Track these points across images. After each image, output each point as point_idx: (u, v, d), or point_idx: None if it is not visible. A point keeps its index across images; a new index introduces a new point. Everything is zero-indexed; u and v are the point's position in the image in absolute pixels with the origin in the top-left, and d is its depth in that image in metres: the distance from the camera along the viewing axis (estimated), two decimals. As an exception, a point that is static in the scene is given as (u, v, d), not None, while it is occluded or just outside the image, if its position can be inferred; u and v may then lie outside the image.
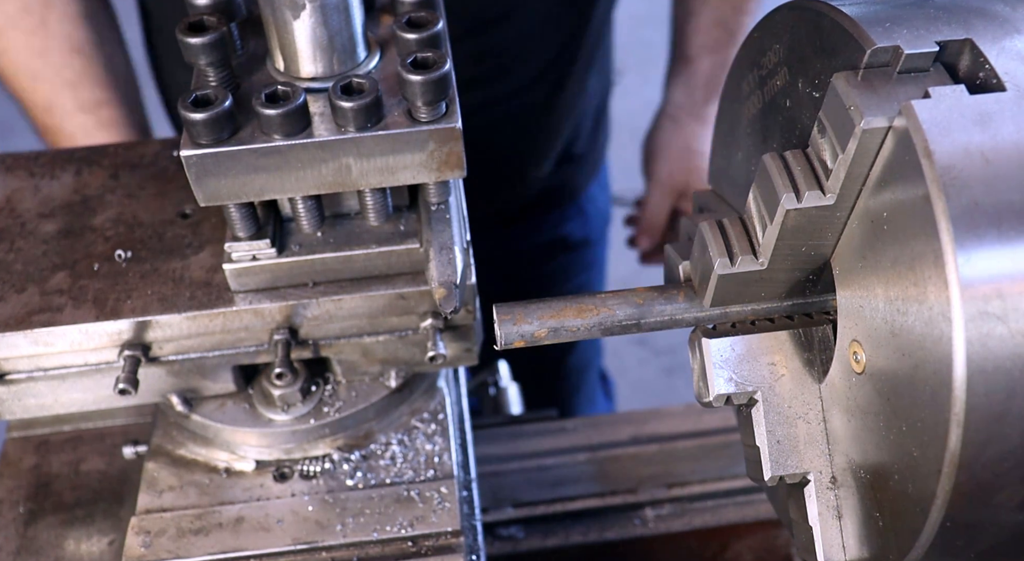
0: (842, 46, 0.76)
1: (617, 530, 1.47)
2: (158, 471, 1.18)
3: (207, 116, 0.94)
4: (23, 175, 1.23)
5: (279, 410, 1.16)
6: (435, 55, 0.95)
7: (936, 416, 0.68)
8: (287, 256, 1.08)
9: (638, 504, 1.50)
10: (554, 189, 2.17)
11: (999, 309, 0.65)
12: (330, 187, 1.01)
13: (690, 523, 1.48)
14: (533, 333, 0.90)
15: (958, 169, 0.67)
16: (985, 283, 0.65)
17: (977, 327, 0.65)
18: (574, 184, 2.22)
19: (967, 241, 0.65)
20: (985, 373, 0.65)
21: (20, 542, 1.25)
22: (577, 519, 1.48)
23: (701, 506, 1.49)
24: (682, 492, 1.50)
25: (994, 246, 0.65)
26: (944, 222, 0.65)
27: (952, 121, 0.69)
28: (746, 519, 1.47)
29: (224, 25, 0.98)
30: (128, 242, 1.15)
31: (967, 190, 0.66)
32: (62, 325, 1.07)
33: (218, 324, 1.09)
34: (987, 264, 0.65)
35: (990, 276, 0.65)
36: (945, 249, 0.65)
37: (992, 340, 0.65)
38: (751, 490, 1.49)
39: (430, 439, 1.19)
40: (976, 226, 0.65)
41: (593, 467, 1.54)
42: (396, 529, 1.11)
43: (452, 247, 1.03)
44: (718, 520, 1.48)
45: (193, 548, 1.10)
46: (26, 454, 1.34)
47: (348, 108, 0.95)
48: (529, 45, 1.88)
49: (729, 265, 0.87)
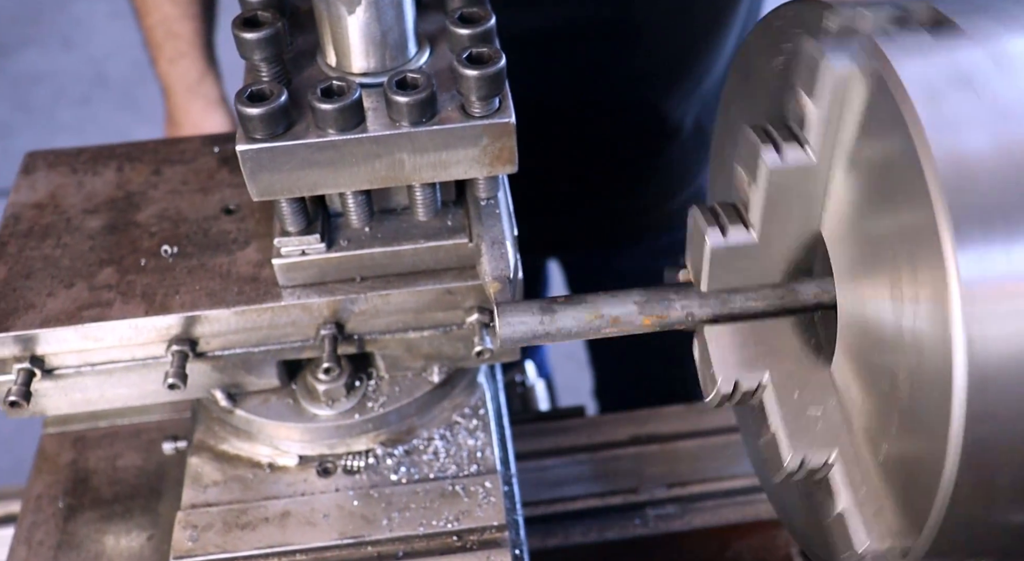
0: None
1: (617, 530, 1.47)
2: (202, 466, 1.18)
3: (263, 111, 0.95)
4: (66, 171, 1.23)
5: (323, 405, 1.17)
6: (490, 50, 0.96)
7: (936, 415, 0.68)
8: (336, 251, 1.08)
9: (638, 504, 1.49)
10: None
11: (1001, 308, 0.65)
12: (383, 182, 1.01)
13: (690, 523, 1.48)
14: (533, 333, 0.89)
15: (942, 110, 0.67)
16: (985, 282, 0.65)
17: (977, 327, 0.65)
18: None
19: (967, 239, 0.65)
20: (985, 373, 0.65)
21: (60, 537, 1.25)
22: (577, 519, 1.48)
23: (701, 506, 1.49)
24: (682, 492, 1.50)
25: (996, 239, 0.65)
26: (943, 212, 0.65)
27: (919, 54, 0.71)
28: (746, 519, 1.47)
29: (278, 20, 0.98)
30: (173, 237, 1.15)
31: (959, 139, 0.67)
32: (112, 320, 1.07)
33: (266, 319, 1.09)
34: (988, 263, 0.65)
35: (991, 275, 0.65)
36: (945, 250, 0.65)
37: (992, 339, 0.65)
38: (751, 490, 1.49)
39: (472, 434, 1.20)
40: (977, 220, 0.65)
41: (593, 467, 1.55)
42: (442, 523, 1.12)
43: (504, 241, 1.04)
44: (718, 520, 1.48)
45: (240, 542, 1.10)
46: (63, 450, 1.35)
47: (403, 103, 0.96)
48: None
49: (721, 237, 0.87)
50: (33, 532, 1.26)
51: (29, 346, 1.07)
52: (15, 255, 1.13)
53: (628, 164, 2.05)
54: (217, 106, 1.99)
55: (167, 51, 1.95)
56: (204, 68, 1.98)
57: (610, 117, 1.95)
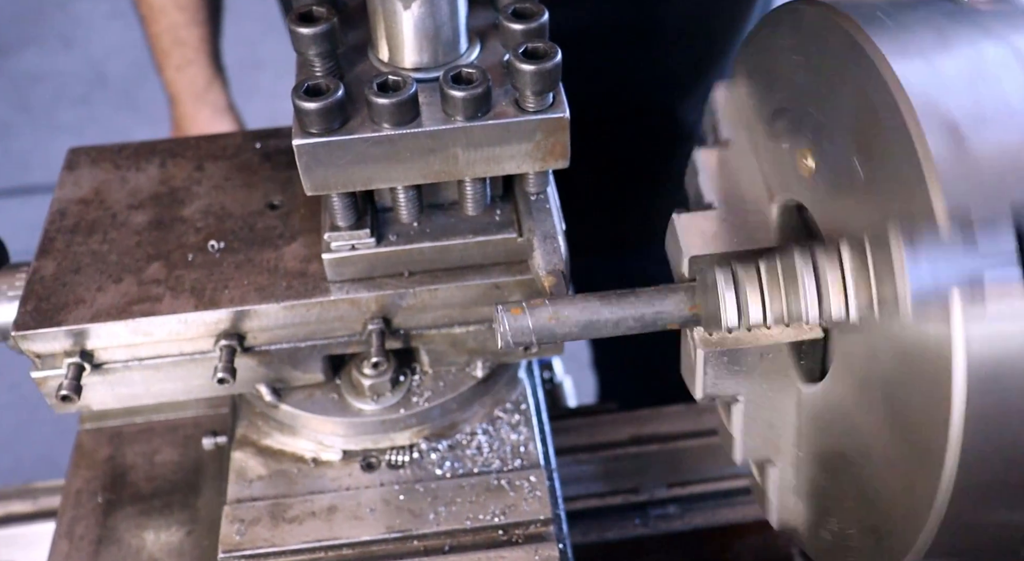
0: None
1: (617, 530, 1.47)
2: (245, 461, 1.18)
3: (320, 105, 0.95)
4: (109, 167, 1.23)
5: (368, 400, 1.17)
6: (546, 45, 0.96)
7: (935, 417, 0.68)
8: (385, 246, 1.09)
9: (638, 504, 1.50)
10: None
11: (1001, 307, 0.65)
12: (436, 176, 1.01)
13: (690, 523, 1.48)
14: (534, 332, 0.90)
15: None
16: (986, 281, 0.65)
17: (977, 327, 0.65)
18: None
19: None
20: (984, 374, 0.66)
21: (100, 532, 1.26)
22: (577, 519, 1.48)
23: (701, 506, 1.49)
24: (682, 492, 1.50)
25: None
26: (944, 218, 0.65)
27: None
28: (746, 519, 1.48)
29: (333, 15, 0.98)
30: (219, 233, 1.15)
31: None
32: (162, 315, 1.07)
33: (314, 314, 1.10)
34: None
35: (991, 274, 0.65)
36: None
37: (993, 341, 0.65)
38: (751, 490, 1.49)
39: (514, 429, 1.20)
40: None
41: (593, 467, 1.55)
42: (488, 518, 1.12)
43: (556, 236, 1.04)
44: (718, 520, 1.49)
45: (289, 536, 1.11)
46: (100, 445, 1.35)
47: (459, 97, 0.96)
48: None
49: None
50: (74, 526, 1.26)
51: (80, 340, 1.07)
52: (63, 250, 1.14)
53: (641, 168, 2.05)
54: (224, 113, 1.98)
55: (174, 58, 1.94)
56: (211, 75, 1.97)
57: (625, 121, 1.96)
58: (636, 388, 2.53)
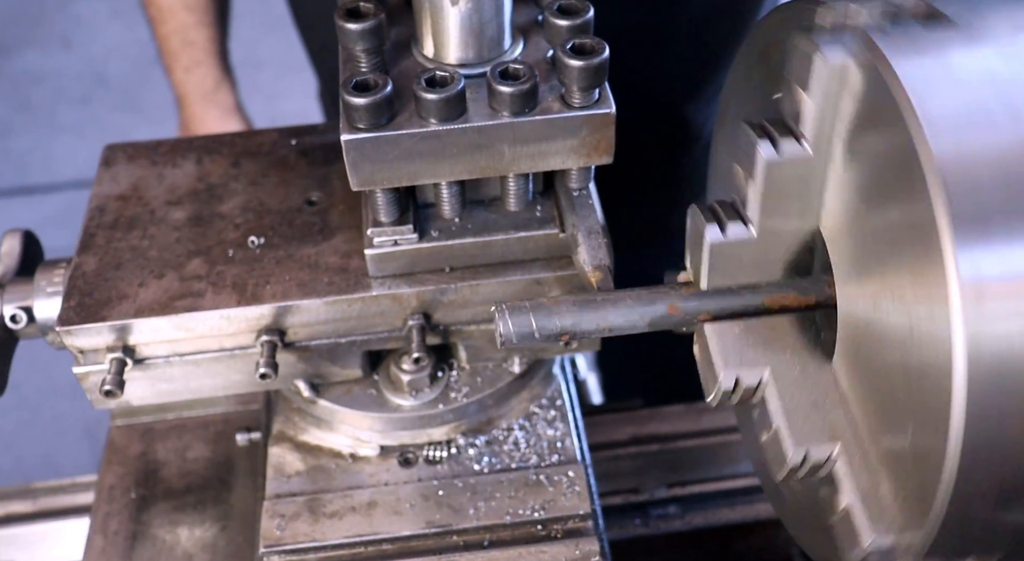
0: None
1: (617, 530, 1.47)
2: (283, 456, 1.18)
3: (369, 101, 0.95)
4: (146, 164, 1.24)
5: (407, 396, 1.17)
6: (593, 41, 0.97)
7: (936, 415, 0.68)
8: (427, 241, 1.09)
9: (638, 504, 1.50)
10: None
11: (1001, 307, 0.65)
12: (481, 172, 1.02)
13: (690, 523, 1.49)
14: (534, 332, 0.90)
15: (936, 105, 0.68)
16: (985, 280, 0.65)
17: (977, 326, 0.65)
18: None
19: (968, 240, 0.65)
20: (984, 372, 0.65)
21: (134, 527, 1.26)
22: None
23: (701, 506, 1.50)
24: (682, 492, 1.51)
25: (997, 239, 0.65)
26: (944, 218, 0.65)
27: (913, 47, 0.71)
28: (746, 519, 1.48)
29: (381, 12, 0.98)
30: (258, 229, 1.16)
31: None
32: (204, 310, 1.07)
33: (356, 309, 1.10)
34: (988, 261, 0.65)
35: (991, 273, 0.65)
36: (946, 251, 0.65)
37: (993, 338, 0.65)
38: (751, 490, 1.50)
39: (551, 424, 1.21)
40: (977, 220, 0.65)
41: (593, 467, 1.54)
42: (528, 512, 1.12)
43: (599, 231, 1.05)
44: (718, 520, 1.49)
45: (329, 531, 1.11)
46: (132, 442, 1.35)
47: (507, 93, 0.96)
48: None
49: (720, 234, 0.87)
50: (108, 522, 1.26)
51: (123, 335, 1.07)
52: (104, 246, 1.14)
53: (647, 169, 2.05)
54: (232, 114, 1.98)
55: (183, 60, 1.94)
56: (220, 76, 1.97)
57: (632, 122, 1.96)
58: (636, 388, 2.53)
